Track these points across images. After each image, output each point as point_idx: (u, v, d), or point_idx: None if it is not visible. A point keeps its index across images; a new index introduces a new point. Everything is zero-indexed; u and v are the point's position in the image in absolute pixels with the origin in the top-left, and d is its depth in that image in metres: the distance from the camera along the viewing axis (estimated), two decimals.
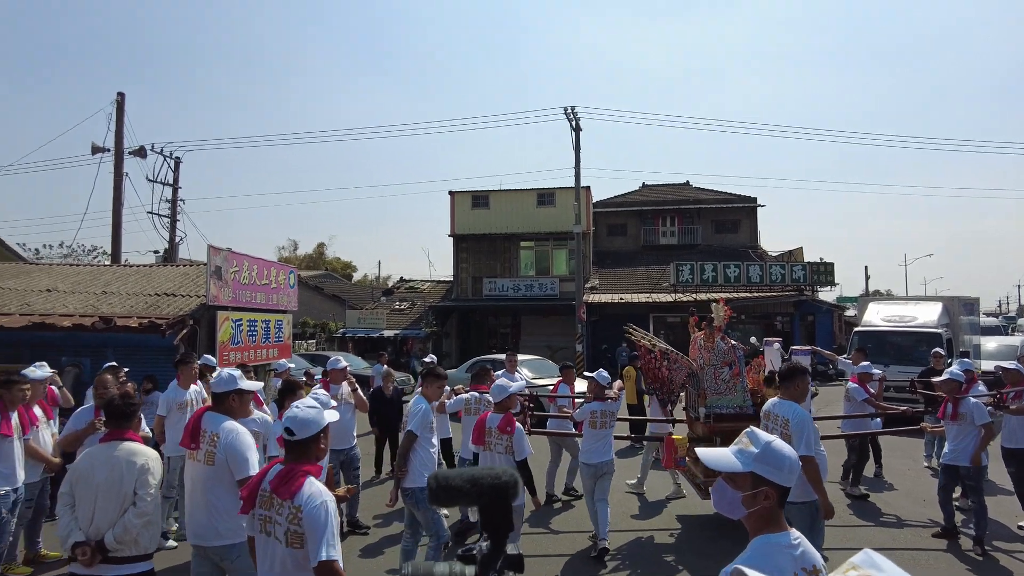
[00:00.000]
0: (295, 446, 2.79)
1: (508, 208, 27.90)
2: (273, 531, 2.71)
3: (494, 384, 5.63)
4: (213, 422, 3.77)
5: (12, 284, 11.64)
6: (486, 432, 5.30)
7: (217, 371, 4.12)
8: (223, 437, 3.68)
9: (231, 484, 3.64)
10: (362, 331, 27.36)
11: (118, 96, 18.55)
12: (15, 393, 5.30)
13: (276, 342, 12.79)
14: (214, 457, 3.66)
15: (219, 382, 3.93)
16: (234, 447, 3.64)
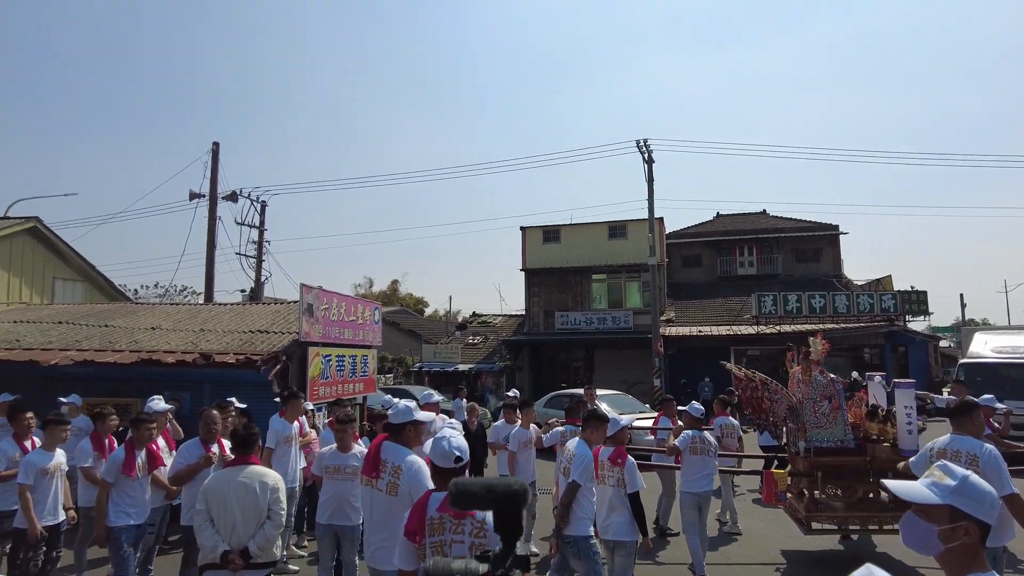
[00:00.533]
0: (460, 471, 3.14)
1: (579, 242, 27.88)
2: (451, 552, 2.95)
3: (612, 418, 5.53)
4: (394, 453, 3.93)
5: (121, 323, 12.37)
6: (598, 465, 5.23)
7: (394, 403, 4.24)
8: (406, 470, 3.82)
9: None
10: (437, 365, 27.65)
11: (213, 145, 19.73)
12: (143, 432, 5.50)
13: (362, 376, 13.05)
14: (397, 488, 3.82)
15: (397, 413, 4.06)
16: (418, 480, 3.75)
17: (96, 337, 11.29)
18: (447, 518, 2.99)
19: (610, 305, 27.56)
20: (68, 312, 13.69)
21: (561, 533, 4.93)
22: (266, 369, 9.99)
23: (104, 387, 10.18)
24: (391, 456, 3.91)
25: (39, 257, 15.89)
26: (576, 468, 4.93)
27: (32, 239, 15.72)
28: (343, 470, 5.49)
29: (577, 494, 4.93)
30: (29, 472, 5.63)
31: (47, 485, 5.79)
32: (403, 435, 4.01)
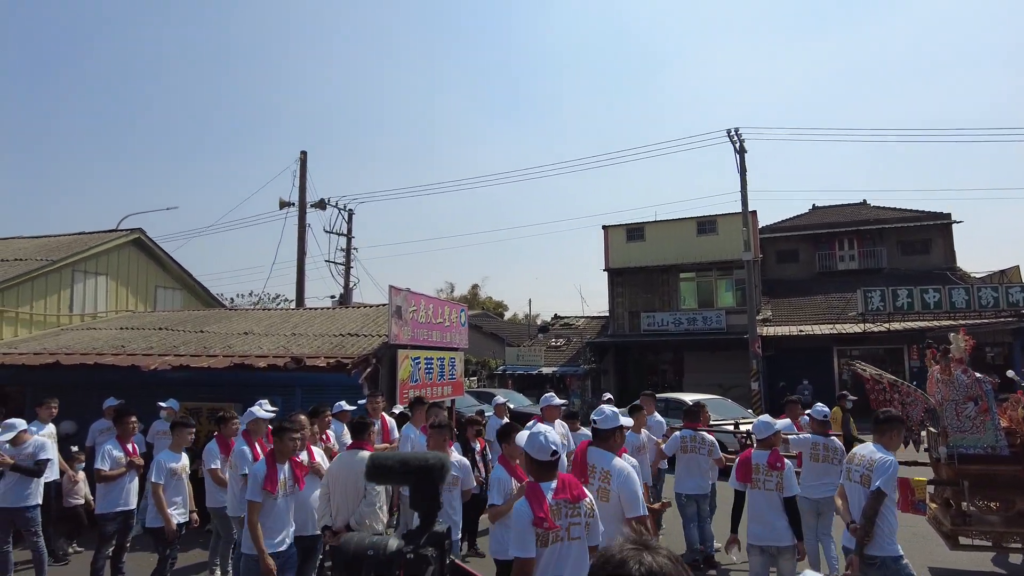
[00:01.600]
0: (554, 464, 3.42)
1: (665, 239, 26.85)
2: (568, 535, 3.25)
3: (758, 420, 5.49)
4: (601, 459, 3.98)
5: (215, 328, 12.61)
6: (753, 469, 5.19)
7: (601, 409, 4.20)
8: (616, 474, 3.87)
9: (619, 519, 3.82)
10: (521, 368, 27.30)
11: (301, 155, 20.14)
12: (286, 443, 4.88)
13: (450, 379, 12.78)
14: (608, 494, 3.86)
15: (604, 420, 4.09)
16: (628, 486, 3.80)
17: (192, 343, 11.50)
18: (563, 503, 3.26)
19: (700, 305, 26.38)
20: (168, 319, 14.13)
21: (863, 552, 4.37)
22: (357, 372, 9.83)
23: (200, 392, 10.29)
24: (599, 461, 3.96)
25: (142, 267, 16.58)
26: (881, 475, 4.39)
27: (136, 250, 16.42)
28: None
29: (882, 506, 4.35)
30: (161, 472, 5.86)
31: (175, 485, 6.03)
32: (610, 440, 4.07)
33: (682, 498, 7.06)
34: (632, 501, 3.74)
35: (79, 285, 14.88)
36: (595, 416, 4.17)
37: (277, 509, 4.75)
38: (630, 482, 3.79)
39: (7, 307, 13.21)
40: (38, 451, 6.62)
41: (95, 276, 15.25)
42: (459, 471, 5.20)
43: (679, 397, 14.40)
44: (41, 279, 13.95)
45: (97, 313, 15.09)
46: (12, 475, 6.42)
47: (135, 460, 6.50)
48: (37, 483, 6.61)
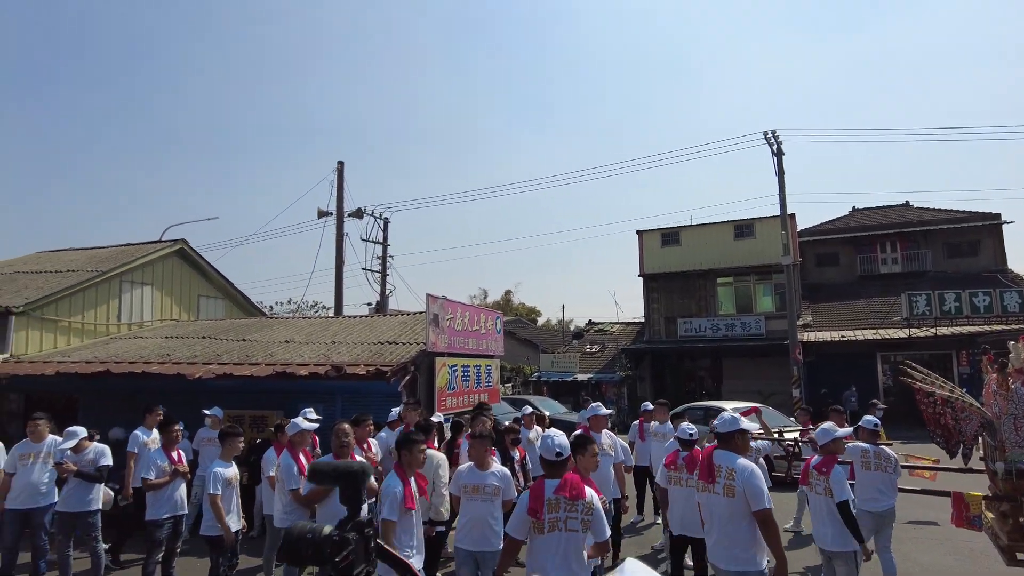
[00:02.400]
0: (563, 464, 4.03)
1: (701, 243, 26.51)
2: (565, 526, 3.82)
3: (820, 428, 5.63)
4: (726, 459, 4.29)
5: (257, 337, 12.84)
6: (809, 473, 5.46)
7: (721, 415, 4.63)
8: (739, 472, 4.16)
9: (748, 516, 4.12)
10: (556, 375, 27.20)
11: (338, 165, 20.44)
12: (415, 455, 4.75)
13: (486, 387, 12.80)
14: (734, 490, 4.14)
15: (723, 423, 4.43)
16: (751, 483, 4.10)
17: (235, 351, 11.73)
18: (563, 499, 3.86)
19: (738, 310, 25.96)
20: (211, 327, 14.44)
21: None
22: (396, 380, 9.90)
23: (243, 399, 10.49)
24: (723, 461, 4.28)
25: (185, 276, 16.99)
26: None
27: (180, 260, 16.84)
28: (482, 490, 5.09)
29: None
30: (217, 482, 5.98)
31: (228, 494, 6.13)
32: (732, 442, 4.36)
33: None
34: (756, 496, 4.07)
35: (126, 295, 15.31)
36: (716, 421, 4.55)
37: (412, 523, 4.66)
38: (754, 478, 4.12)
39: (60, 317, 13.66)
40: (99, 457, 6.84)
41: (141, 286, 15.68)
42: (500, 481, 5.17)
43: (719, 405, 14.17)
44: (91, 290, 14.39)
45: (143, 322, 15.51)
46: (74, 481, 6.64)
47: (180, 468, 6.63)
48: (98, 488, 6.83)
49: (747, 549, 4.12)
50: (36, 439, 6.86)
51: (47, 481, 6.78)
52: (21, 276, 15.22)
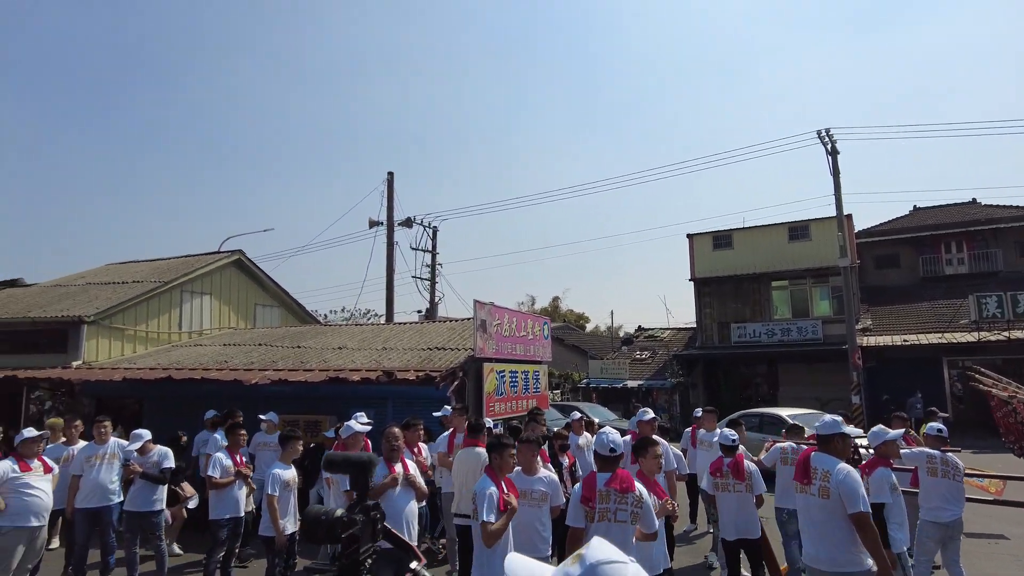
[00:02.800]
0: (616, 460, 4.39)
1: (755, 246, 25.90)
2: (614, 516, 4.17)
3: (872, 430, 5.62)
4: (824, 461, 4.29)
5: (311, 343, 13.16)
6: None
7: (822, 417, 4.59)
8: (835, 474, 4.15)
9: (844, 517, 4.09)
10: (605, 381, 26.95)
11: (388, 175, 20.84)
12: (506, 459, 4.82)
13: (534, 392, 12.78)
14: (828, 492, 4.15)
15: (824, 426, 4.42)
16: (847, 484, 4.10)
17: (290, 357, 12.04)
18: (613, 492, 4.20)
19: (794, 314, 25.24)
20: (267, 335, 14.87)
21: None
22: (445, 385, 10.00)
23: (298, 405, 10.76)
24: (821, 464, 4.28)
25: (243, 286, 17.56)
26: None
27: (237, 270, 17.42)
28: (529, 495, 5.07)
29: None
30: (275, 484, 6.13)
31: (285, 496, 6.27)
32: (831, 445, 4.34)
33: (783, 513, 6.75)
34: (851, 498, 4.05)
35: (187, 304, 15.92)
36: (817, 423, 4.55)
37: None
38: (849, 480, 4.10)
39: (126, 326, 14.30)
40: (162, 460, 7.15)
41: (201, 296, 16.27)
42: (547, 487, 5.14)
43: (774, 412, 13.80)
44: (154, 300, 15.02)
45: (203, 330, 16.08)
46: (140, 482, 6.95)
47: (243, 470, 6.88)
48: (162, 490, 7.13)
49: (847, 551, 4.08)
50: (100, 441, 7.18)
51: (114, 481, 7.10)
52: (92, 287, 16.01)
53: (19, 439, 6.42)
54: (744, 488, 6.01)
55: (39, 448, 6.49)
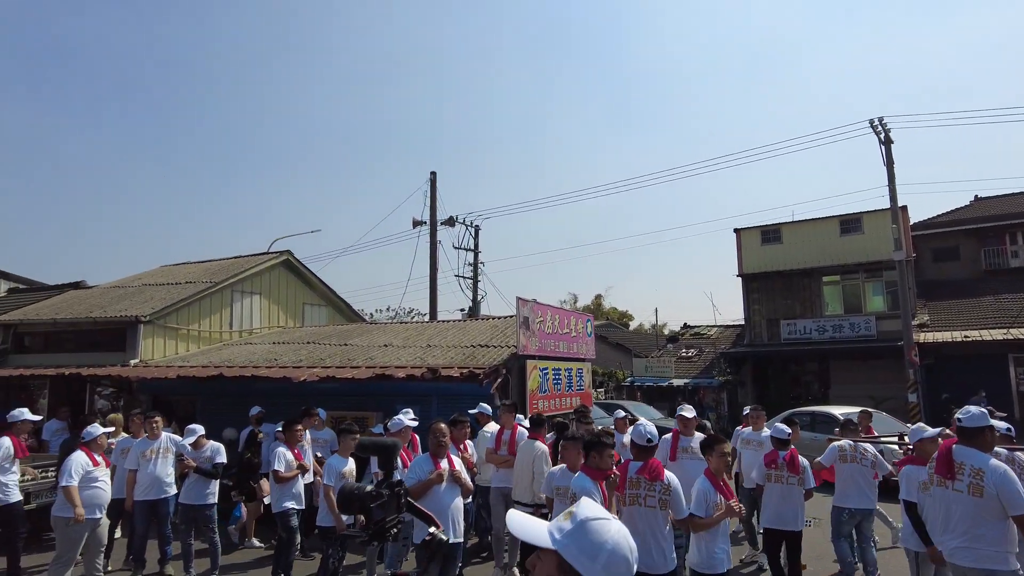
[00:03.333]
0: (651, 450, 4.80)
1: (805, 240, 25.21)
2: (644, 502, 4.57)
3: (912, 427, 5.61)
4: (970, 456, 4.19)
5: (357, 341, 13.36)
6: None
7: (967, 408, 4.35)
8: (991, 474, 4.05)
9: (998, 516, 4.02)
10: (650, 380, 26.62)
11: (431, 175, 21.01)
12: (605, 459, 4.85)
13: (578, 390, 12.71)
14: (983, 490, 4.05)
15: (970, 418, 4.24)
16: (1008, 487, 3.99)
17: (337, 355, 12.24)
18: (643, 479, 4.62)
19: (846, 310, 24.48)
20: (315, 333, 15.16)
21: None
22: (488, 382, 10.02)
23: (345, 401, 10.94)
24: (967, 459, 4.17)
25: (291, 285, 17.94)
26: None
27: (285, 270, 17.81)
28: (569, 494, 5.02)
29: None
30: (331, 475, 6.31)
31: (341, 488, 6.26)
32: (978, 439, 4.20)
33: (844, 513, 6.56)
34: (1012, 501, 3.94)
35: (237, 304, 16.34)
36: (960, 415, 4.36)
37: None
38: (1008, 481, 4.00)
39: (180, 325, 14.76)
40: (215, 455, 7.41)
41: (250, 295, 16.69)
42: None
43: (827, 410, 13.43)
44: (206, 299, 15.46)
45: (253, 329, 16.49)
46: (194, 476, 7.20)
47: (304, 464, 7.20)
48: (215, 484, 7.41)
49: (996, 548, 4.03)
50: (152, 436, 7.45)
51: (169, 474, 7.38)
52: (148, 288, 16.58)
53: (88, 435, 6.78)
54: (796, 482, 5.88)
55: (105, 443, 6.89)
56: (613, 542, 1.40)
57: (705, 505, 4.67)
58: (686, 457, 6.46)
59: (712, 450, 4.85)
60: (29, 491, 8.31)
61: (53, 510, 6.51)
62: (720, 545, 4.63)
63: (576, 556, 1.38)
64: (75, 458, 6.49)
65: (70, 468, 6.37)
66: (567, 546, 1.40)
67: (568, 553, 1.39)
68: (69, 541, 6.31)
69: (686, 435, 6.76)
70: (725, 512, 4.62)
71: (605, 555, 1.38)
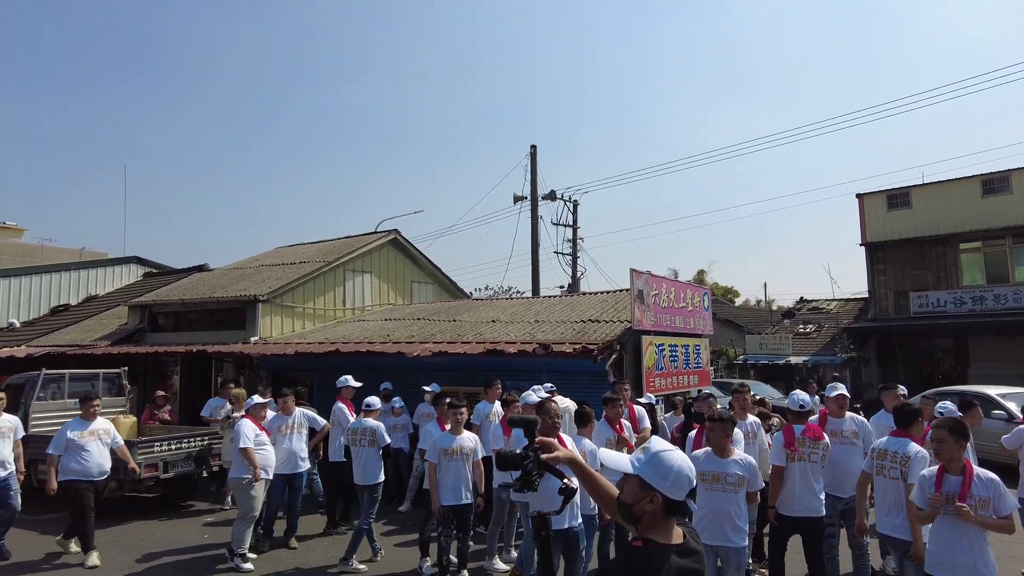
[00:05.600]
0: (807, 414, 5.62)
1: (939, 204, 22.92)
2: (808, 458, 5.34)
3: None
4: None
5: (466, 317, 13.29)
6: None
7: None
8: None
9: None
10: (764, 357, 25.28)
11: (531, 149, 20.63)
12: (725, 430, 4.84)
13: (695, 368, 12.07)
14: None
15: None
16: None
17: (447, 331, 12.20)
18: (807, 439, 5.39)
19: (989, 280, 22.10)
20: (424, 310, 15.26)
21: None
22: (602, 359, 9.62)
23: (455, 376, 10.84)
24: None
25: (399, 264, 18.20)
26: None
27: (393, 249, 18.07)
28: (723, 479, 4.56)
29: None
30: (434, 452, 6.13)
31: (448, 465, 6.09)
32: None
33: None
34: None
35: (349, 283, 16.74)
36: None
37: None
38: None
39: (296, 303, 15.26)
40: (313, 423, 7.92)
41: (362, 274, 17.04)
42: (744, 470, 4.61)
43: (982, 390, 12.11)
44: (320, 278, 15.91)
45: (364, 307, 16.85)
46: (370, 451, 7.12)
47: None
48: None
49: None
50: (286, 412, 7.59)
51: (303, 448, 7.54)
52: (265, 269, 17.27)
53: (250, 404, 7.42)
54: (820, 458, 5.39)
55: (264, 413, 7.45)
56: (678, 466, 1.99)
57: (922, 495, 4.07)
58: (836, 442, 5.70)
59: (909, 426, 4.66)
60: (167, 460, 8.83)
61: (231, 473, 7.10)
62: None
63: (652, 477, 1.99)
64: (245, 424, 7.03)
65: (244, 432, 6.91)
66: (644, 471, 2.01)
67: (645, 475, 2.00)
68: (250, 499, 6.82)
69: (837, 417, 5.96)
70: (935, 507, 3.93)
71: (673, 475, 1.97)
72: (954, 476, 3.92)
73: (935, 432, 4.10)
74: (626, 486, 2.07)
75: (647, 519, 1.98)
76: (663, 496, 1.95)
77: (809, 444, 5.33)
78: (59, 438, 7.13)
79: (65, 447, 7.07)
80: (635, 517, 2.01)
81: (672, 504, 1.96)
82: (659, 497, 1.95)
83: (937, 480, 3.98)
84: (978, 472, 3.93)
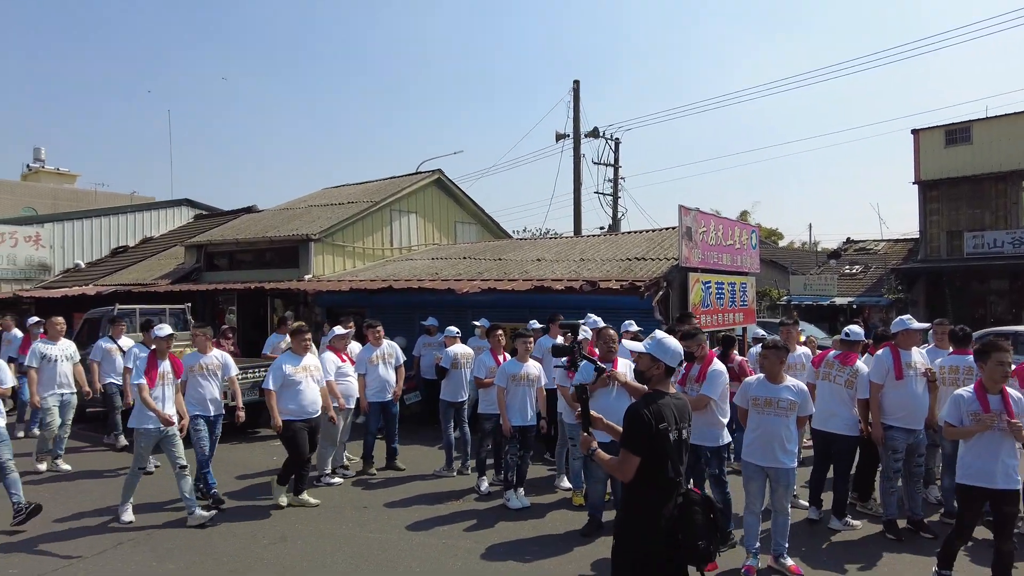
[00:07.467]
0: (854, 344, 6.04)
1: (1001, 139, 21.89)
2: (834, 380, 5.88)
3: None
4: None
5: (511, 256, 13.48)
6: None
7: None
8: None
9: None
10: (809, 299, 25.00)
11: (574, 84, 20.31)
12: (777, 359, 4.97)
13: (741, 306, 12.10)
14: None
15: None
16: None
17: (493, 269, 12.43)
18: (836, 362, 5.93)
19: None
20: (469, 249, 15.49)
21: None
22: (649, 296, 9.74)
23: (501, 313, 11.08)
24: None
25: (443, 204, 18.38)
26: None
27: (437, 189, 18.22)
28: (776, 404, 4.73)
29: None
30: (503, 377, 6.58)
31: (515, 390, 6.59)
32: None
33: None
34: None
35: (395, 223, 17.03)
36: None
37: None
38: None
39: (345, 243, 15.64)
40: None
41: (407, 214, 17.30)
42: (796, 396, 4.75)
43: (1015, 329, 11.91)
44: (367, 219, 16.22)
45: (411, 246, 17.17)
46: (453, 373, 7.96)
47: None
48: None
49: None
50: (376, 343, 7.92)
51: (393, 377, 7.96)
52: (314, 209, 17.65)
53: (330, 335, 7.67)
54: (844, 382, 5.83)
55: (345, 343, 7.75)
56: (673, 346, 3.19)
57: (958, 413, 4.41)
58: (911, 373, 5.65)
59: (988, 357, 4.34)
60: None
61: None
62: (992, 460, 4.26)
63: (657, 352, 3.16)
64: (328, 356, 7.33)
65: (327, 365, 7.15)
66: (653, 348, 3.18)
67: (654, 351, 3.17)
68: (328, 428, 7.07)
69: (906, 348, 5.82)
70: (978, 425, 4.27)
71: (671, 352, 3.15)
72: (994, 396, 4.33)
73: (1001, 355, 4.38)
74: (640, 361, 3.24)
75: (655, 380, 3.15)
76: (664, 364, 3.12)
77: (836, 367, 5.85)
78: (275, 372, 6.51)
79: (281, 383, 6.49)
80: (647, 379, 3.19)
81: (669, 369, 3.15)
82: (662, 365, 3.13)
83: (982, 400, 4.33)
84: (1011, 392, 4.35)
